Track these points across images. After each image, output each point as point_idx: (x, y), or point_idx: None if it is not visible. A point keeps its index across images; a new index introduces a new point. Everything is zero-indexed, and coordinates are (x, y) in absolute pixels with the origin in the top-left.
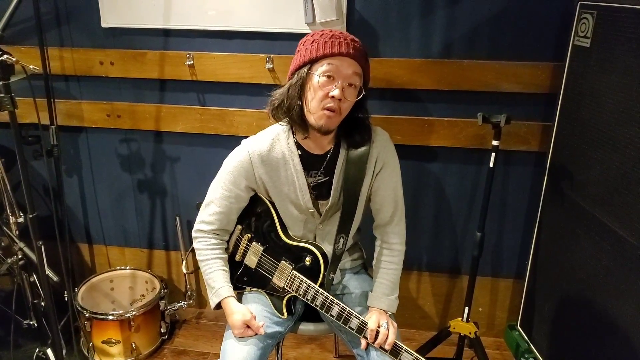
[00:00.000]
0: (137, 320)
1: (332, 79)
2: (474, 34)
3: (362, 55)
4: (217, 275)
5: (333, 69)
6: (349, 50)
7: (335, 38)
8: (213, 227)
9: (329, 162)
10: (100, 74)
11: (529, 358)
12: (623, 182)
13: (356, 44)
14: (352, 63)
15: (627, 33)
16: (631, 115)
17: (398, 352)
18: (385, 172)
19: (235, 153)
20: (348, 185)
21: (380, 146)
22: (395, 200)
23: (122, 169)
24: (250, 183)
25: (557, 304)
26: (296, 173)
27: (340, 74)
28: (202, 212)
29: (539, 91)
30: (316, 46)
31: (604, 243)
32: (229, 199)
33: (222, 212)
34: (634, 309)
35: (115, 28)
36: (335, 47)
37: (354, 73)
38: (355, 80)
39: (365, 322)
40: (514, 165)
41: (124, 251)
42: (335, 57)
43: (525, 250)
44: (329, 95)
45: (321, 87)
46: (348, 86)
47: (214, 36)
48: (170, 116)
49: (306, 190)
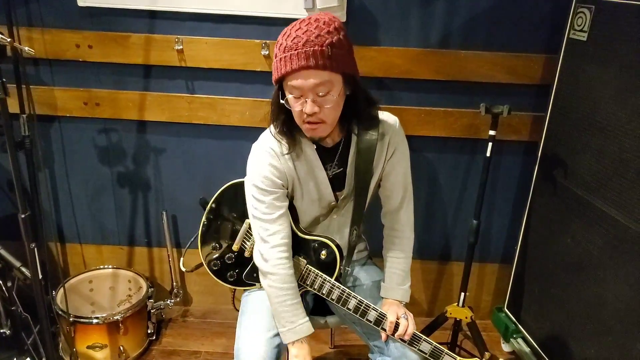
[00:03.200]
0: (125, 322)
1: (300, 95)
2: (472, 24)
3: (322, 56)
4: (297, 309)
5: (296, 86)
6: (301, 63)
7: (288, 51)
8: (282, 235)
9: (342, 152)
10: (77, 58)
11: (517, 338)
12: (619, 169)
13: (312, 46)
14: (312, 74)
15: (625, 28)
16: (627, 108)
17: (417, 342)
18: (395, 157)
19: (260, 158)
20: (359, 175)
21: (392, 131)
22: (405, 185)
23: (101, 162)
24: (284, 181)
25: (547, 286)
26: (316, 168)
27: (304, 89)
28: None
29: (531, 82)
30: (276, 65)
31: (597, 227)
32: (277, 200)
33: (281, 215)
34: (628, 289)
35: (93, 7)
36: (288, 65)
37: (315, 85)
38: (323, 86)
39: (383, 314)
40: (504, 154)
41: (102, 249)
42: (291, 75)
43: (513, 235)
44: (304, 112)
45: (294, 105)
46: (319, 96)
47: (206, 20)
48: (156, 105)
49: (327, 184)
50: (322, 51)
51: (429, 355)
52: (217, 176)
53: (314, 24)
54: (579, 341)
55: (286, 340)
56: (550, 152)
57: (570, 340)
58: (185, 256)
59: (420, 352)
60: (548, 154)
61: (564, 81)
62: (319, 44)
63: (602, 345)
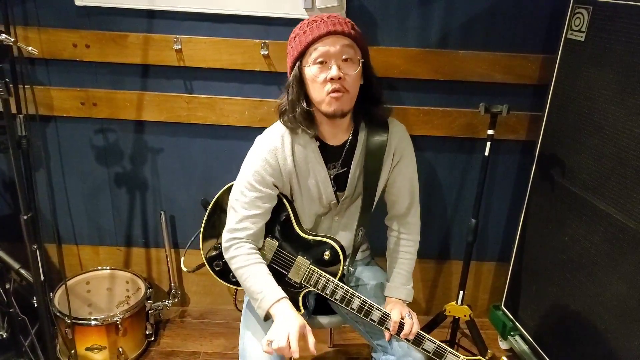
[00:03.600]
0: (124, 323)
1: (325, 63)
2: (470, 24)
3: (347, 26)
4: (264, 280)
5: (321, 53)
6: (329, 28)
7: (312, 23)
8: (248, 233)
9: (347, 153)
10: (74, 58)
11: (514, 335)
12: (616, 168)
13: (336, 18)
14: (337, 38)
15: (622, 28)
16: (625, 108)
17: (421, 341)
18: (402, 164)
19: (258, 152)
20: (367, 177)
21: (398, 138)
22: (411, 192)
23: (98, 162)
24: (277, 181)
25: (544, 284)
26: (318, 165)
27: (330, 54)
28: (230, 220)
29: (529, 82)
30: (298, 40)
31: (595, 225)
32: (260, 199)
33: (256, 215)
34: (626, 287)
35: (91, 7)
36: (315, 31)
37: (342, 46)
38: (349, 52)
39: (387, 314)
40: (501, 153)
41: (98, 250)
42: (318, 41)
43: (510, 234)
44: (329, 79)
45: (317, 75)
46: (343, 62)
47: (205, 19)
48: (154, 104)
49: (328, 182)
50: (346, 22)
51: (432, 354)
52: (216, 176)
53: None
54: (576, 338)
55: (263, 309)
56: (547, 151)
57: (567, 338)
58: (185, 257)
59: (424, 351)
60: (545, 153)
61: (562, 81)
62: (342, 19)
63: (600, 343)
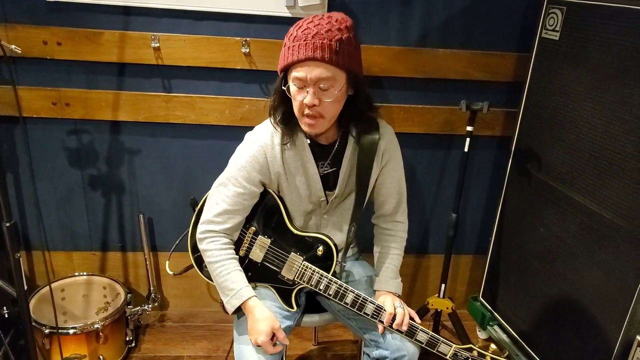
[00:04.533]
0: (105, 330)
1: (303, 86)
2: (449, 24)
3: (330, 50)
4: (235, 276)
5: (299, 77)
6: (308, 54)
7: (296, 41)
8: (225, 227)
9: (337, 153)
10: (44, 56)
11: (493, 325)
12: (591, 161)
13: (320, 39)
14: (317, 65)
15: (596, 28)
16: (599, 104)
17: (414, 332)
18: (390, 165)
19: (246, 148)
20: (360, 176)
21: (387, 140)
22: (399, 192)
23: (70, 165)
24: (264, 178)
25: (522, 275)
26: (308, 163)
27: (307, 80)
28: (209, 211)
29: (504, 80)
30: (284, 54)
31: (571, 216)
32: (243, 195)
33: (236, 210)
34: (601, 274)
35: (63, 2)
36: (295, 54)
37: (318, 77)
38: (326, 81)
39: (381, 307)
40: (478, 149)
41: (72, 256)
42: (297, 64)
43: (486, 227)
44: (304, 103)
45: (296, 95)
46: (321, 90)
47: (184, 16)
48: (131, 104)
49: (318, 180)
50: (329, 45)
51: (425, 344)
52: (196, 177)
53: (326, 19)
54: (555, 326)
55: (232, 307)
56: (523, 146)
57: (547, 325)
58: (162, 259)
59: (417, 342)
60: (521, 148)
61: (537, 78)
62: (328, 38)
63: (578, 329)
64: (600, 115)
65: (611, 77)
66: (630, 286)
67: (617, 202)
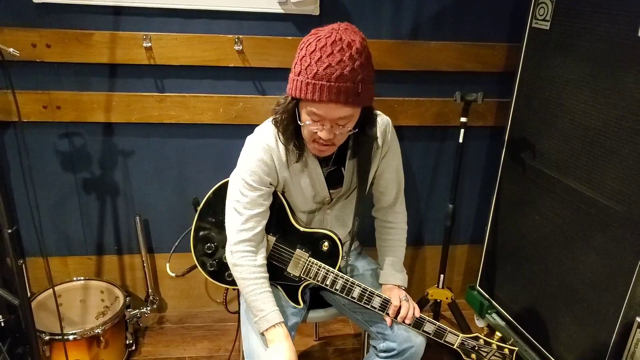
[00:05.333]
0: (106, 335)
1: (319, 120)
2: (440, 16)
3: (353, 94)
4: (265, 297)
5: (320, 113)
6: (332, 97)
7: (319, 80)
8: (255, 232)
9: (339, 151)
10: (33, 58)
11: (491, 313)
12: (585, 147)
13: (346, 81)
14: (339, 108)
15: (586, 17)
16: (591, 92)
17: (421, 324)
18: (389, 155)
19: (252, 152)
20: (361, 172)
21: (385, 131)
22: (398, 182)
23: (63, 168)
24: (273, 180)
25: (519, 262)
26: (312, 164)
27: (326, 118)
28: (235, 223)
29: (496, 70)
30: (299, 85)
31: (567, 202)
32: (261, 197)
33: (259, 213)
34: (598, 258)
35: (51, 4)
36: (317, 94)
37: (339, 118)
38: (344, 121)
39: (387, 300)
40: (471, 139)
41: (67, 261)
42: (319, 103)
43: (481, 217)
44: (318, 136)
45: (309, 126)
46: (337, 123)
47: (176, 15)
48: (123, 105)
49: (322, 180)
50: (354, 88)
51: (433, 335)
52: (191, 176)
53: (347, 52)
54: (554, 310)
55: (260, 328)
56: (517, 136)
57: (545, 311)
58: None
59: (424, 333)
60: (515, 137)
61: (528, 68)
62: (352, 80)
63: (576, 312)
64: (594, 102)
65: (602, 65)
66: (628, 268)
67: (613, 187)
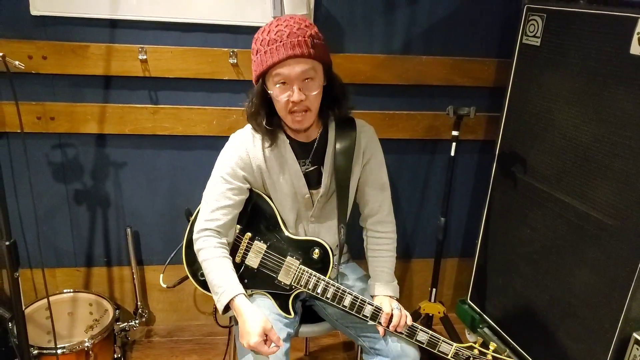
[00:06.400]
0: (95, 348)
1: (286, 85)
2: (431, 31)
3: (306, 45)
4: (226, 274)
5: (282, 76)
6: (288, 53)
7: (272, 43)
8: (219, 224)
9: (317, 150)
10: (29, 70)
11: (483, 327)
12: (577, 162)
13: (296, 37)
14: (298, 61)
15: (576, 34)
16: (583, 107)
17: (414, 332)
18: (372, 163)
19: (230, 148)
20: (339, 175)
21: (367, 137)
22: (382, 190)
23: (55, 179)
24: (248, 175)
25: (510, 276)
26: (290, 161)
27: (291, 77)
28: (202, 212)
29: (486, 85)
30: (260, 59)
31: (559, 217)
32: (232, 191)
33: (227, 206)
34: (591, 272)
35: (48, 17)
36: (275, 56)
37: (302, 72)
38: (309, 73)
39: (379, 308)
40: (462, 153)
41: (55, 273)
42: (278, 65)
43: (471, 230)
44: (291, 101)
45: (279, 95)
46: (304, 81)
47: (171, 28)
48: (117, 117)
49: (300, 176)
50: (305, 41)
51: (426, 344)
52: (183, 188)
53: (291, 20)
54: (547, 325)
55: (221, 305)
56: (507, 150)
57: (538, 326)
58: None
59: (418, 343)
60: (506, 151)
61: (518, 83)
62: (302, 35)
63: (570, 328)
64: (585, 117)
65: (593, 81)
66: (623, 284)
67: (606, 201)
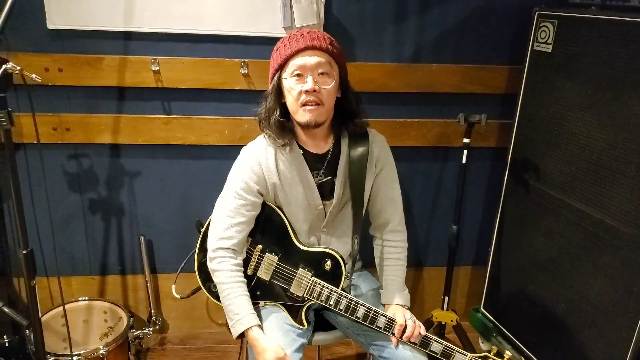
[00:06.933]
0: (109, 356)
1: (301, 76)
2: (441, 39)
3: (325, 41)
4: (241, 301)
5: (298, 66)
6: (307, 43)
7: (292, 37)
8: (234, 242)
9: (330, 161)
10: (46, 82)
11: (497, 336)
12: (591, 169)
13: (315, 34)
14: (314, 52)
15: (588, 40)
16: (596, 114)
17: (428, 343)
18: (384, 173)
19: (243, 161)
20: (354, 186)
21: (380, 147)
22: (395, 199)
23: (70, 189)
24: (262, 188)
25: (524, 285)
26: (303, 172)
27: (306, 67)
28: (216, 229)
29: (497, 92)
30: (279, 53)
31: (574, 224)
32: (245, 207)
33: (241, 223)
34: (607, 280)
35: (64, 30)
36: (294, 45)
37: (318, 63)
38: (325, 66)
39: (392, 319)
40: (474, 161)
41: (71, 281)
42: (296, 55)
43: (484, 238)
44: (304, 91)
45: (294, 87)
46: (320, 75)
47: (183, 40)
48: (131, 127)
49: (314, 187)
50: (324, 38)
51: (440, 355)
52: (196, 197)
53: (315, 31)
54: (562, 334)
55: (235, 332)
56: (520, 157)
57: (553, 335)
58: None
59: (431, 353)
60: (518, 158)
61: (530, 90)
62: (322, 35)
63: (586, 337)
64: (598, 124)
65: (606, 87)
66: (639, 292)
67: (621, 208)
